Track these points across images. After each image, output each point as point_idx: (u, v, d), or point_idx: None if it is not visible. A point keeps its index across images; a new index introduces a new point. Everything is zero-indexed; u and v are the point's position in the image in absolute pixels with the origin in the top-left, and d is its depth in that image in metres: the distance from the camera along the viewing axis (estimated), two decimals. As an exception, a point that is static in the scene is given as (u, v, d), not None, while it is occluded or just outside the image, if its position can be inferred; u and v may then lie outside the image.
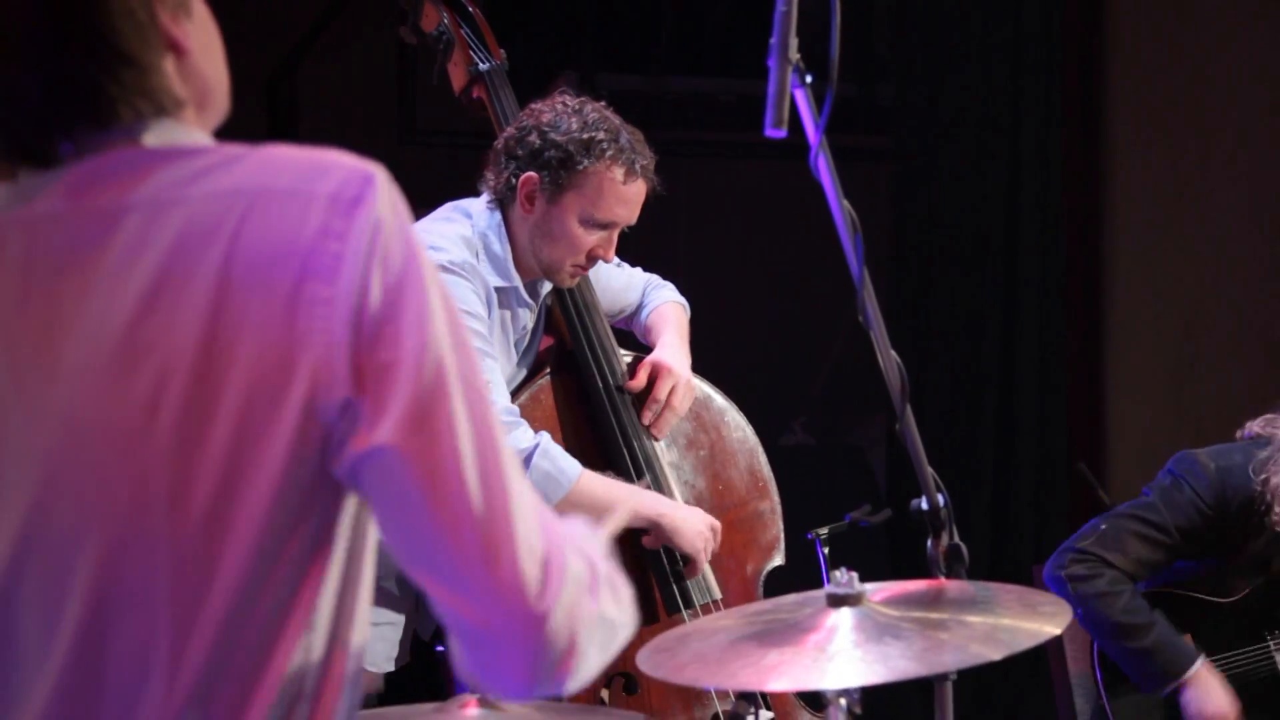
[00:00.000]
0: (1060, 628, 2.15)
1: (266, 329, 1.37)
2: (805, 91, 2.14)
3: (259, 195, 1.40)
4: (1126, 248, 5.99)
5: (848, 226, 2.19)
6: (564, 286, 3.33)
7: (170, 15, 1.47)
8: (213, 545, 1.38)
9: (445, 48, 3.51)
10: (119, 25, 1.42)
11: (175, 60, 1.48)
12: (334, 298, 1.37)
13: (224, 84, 1.54)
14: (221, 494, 1.37)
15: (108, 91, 1.43)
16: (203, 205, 1.40)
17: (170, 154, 1.44)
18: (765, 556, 3.47)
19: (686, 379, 3.39)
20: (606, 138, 3.18)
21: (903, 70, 5.83)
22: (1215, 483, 3.60)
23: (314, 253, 1.38)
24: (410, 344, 1.39)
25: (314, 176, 1.42)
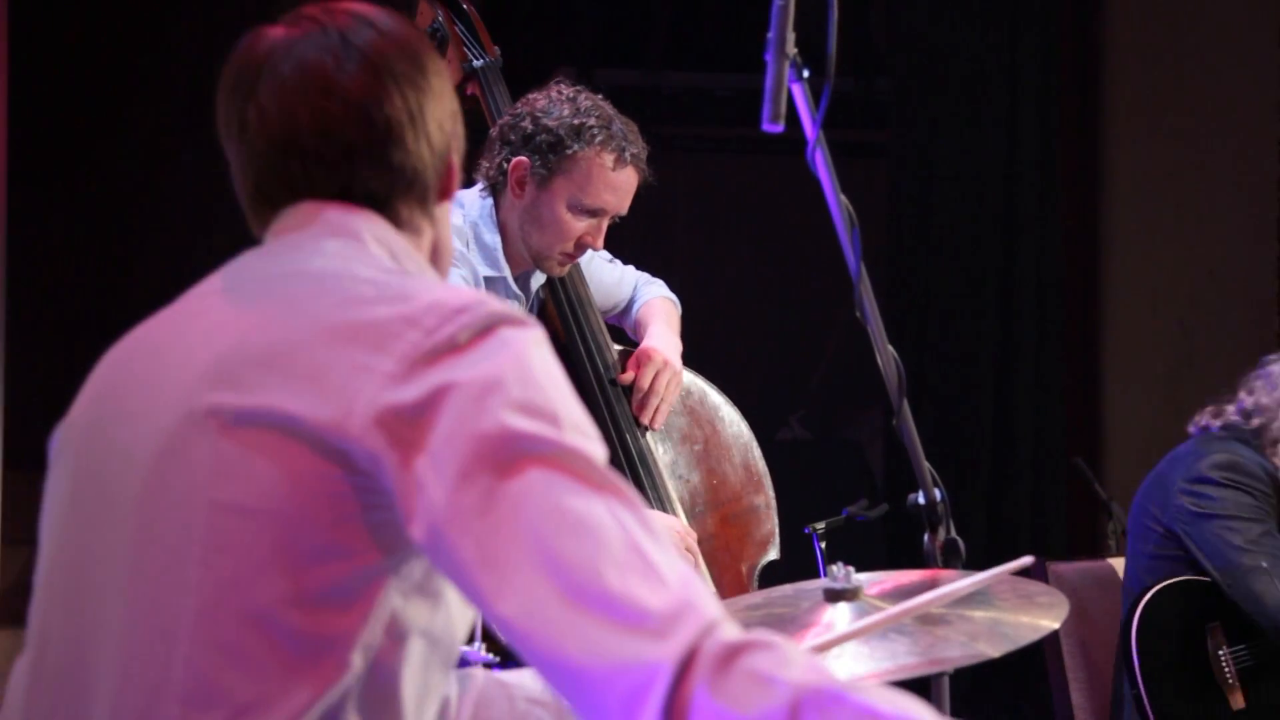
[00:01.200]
0: (1059, 620, 2.15)
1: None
2: (803, 86, 2.14)
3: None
4: (1123, 243, 5.99)
5: (845, 221, 2.19)
6: (553, 275, 3.32)
7: (459, 164, 1.65)
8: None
9: (439, 44, 3.51)
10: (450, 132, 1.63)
11: (439, 199, 1.64)
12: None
13: (446, 266, 1.67)
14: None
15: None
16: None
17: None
18: (760, 551, 3.47)
19: (673, 366, 3.37)
20: (598, 124, 3.18)
21: (900, 64, 5.83)
22: (1244, 460, 3.83)
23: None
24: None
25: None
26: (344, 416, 1.38)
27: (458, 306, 1.42)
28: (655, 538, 1.34)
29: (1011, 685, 5.55)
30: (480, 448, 1.34)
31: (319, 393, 1.40)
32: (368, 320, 1.42)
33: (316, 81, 1.56)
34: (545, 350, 1.43)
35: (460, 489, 1.34)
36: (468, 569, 1.33)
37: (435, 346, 1.39)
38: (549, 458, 1.35)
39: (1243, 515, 3.80)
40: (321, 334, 1.43)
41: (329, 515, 1.39)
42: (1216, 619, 3.83)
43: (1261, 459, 3.85)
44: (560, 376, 1.42)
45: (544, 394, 1.38)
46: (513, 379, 1.38)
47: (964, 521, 5.33)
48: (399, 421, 1.37)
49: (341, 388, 1.39)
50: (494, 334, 1.40)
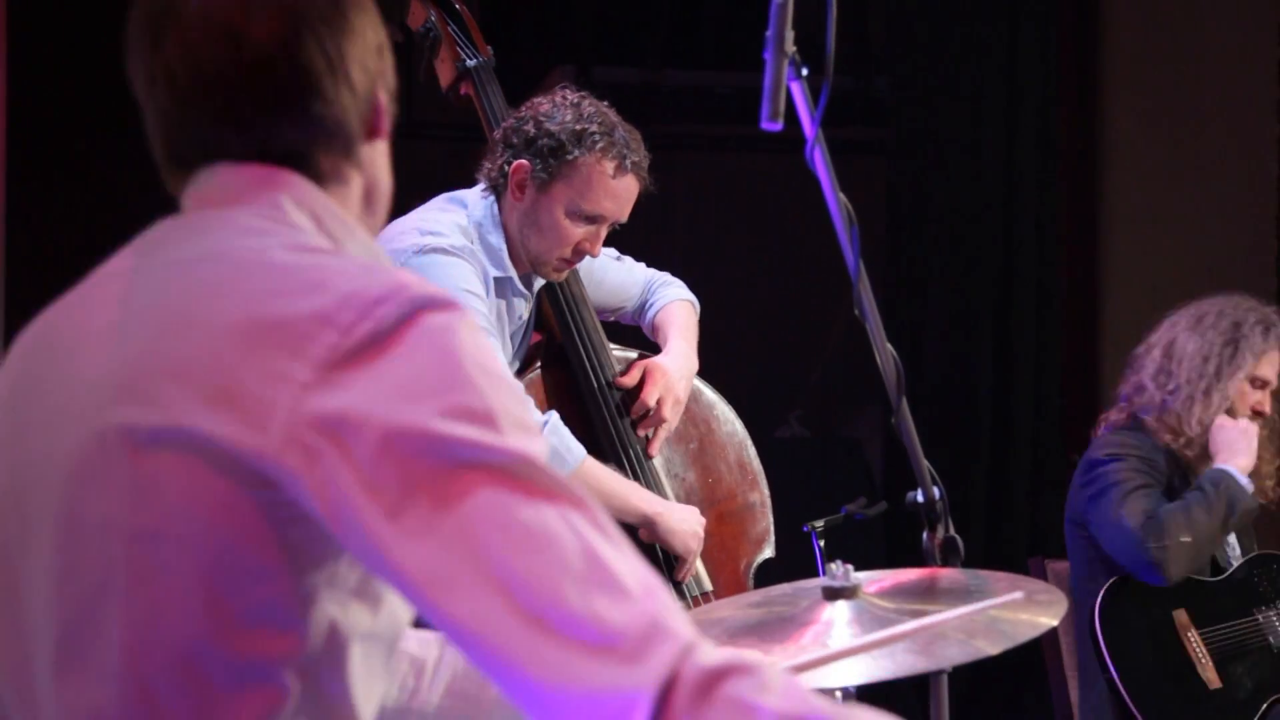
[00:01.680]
0: (1057, 618, 2.15)
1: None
2: (801, 84, 2.14)
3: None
4: (1123, 239, 5.99)
5: (844, 219, 2.19)
6: (551, 280, 3.32)
7: (387, 103, 1.50)
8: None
9: (432, 45, 3.51)
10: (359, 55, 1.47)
11: (367, 141, 1.49)
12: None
13: (385, 209, 1.53)
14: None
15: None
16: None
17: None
18: (756, 549, 3.47)
19: (677, 395, 3.36)
20: (600, 131, 3.18)
21: (899, 63, 5.83)
22: (1131, 437, 4.07)
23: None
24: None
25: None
26: (260, 434, 1.26)
27: (376, 296, 1.29)
28: (613, 541, 1.25)
29: (1011, 683, 5.55)
30: (415, 463, 1.24)
31: (233, 408, 1.28)
32: (281, 318, 1.30)
33: (224, 31, 1.41)
34: (475, 335, 1.31)
35: (399, 509, 1.23)
36: (417, 590, 1.24)
37: (354, 347, 1.27)
38: (491, 467, 1.24)
39: (1126, 478, 3.98)
40: (233, 337, 1.30)
41: (253, 538, 1.29)
42: (1180, 605, 3.95)
43: (1148, 439, 4.04)
44: (494, 362, 1.31)
45: (477, 391, 1.27)
46: (442, 377, 1.27)
47: (963, 519, 5.35)
48: (319, 436, 1.25)
49: (256, 401, 1.27)
50: (417, 324, 1.28)
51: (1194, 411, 4.02)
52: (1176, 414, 4.03)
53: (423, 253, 3.14)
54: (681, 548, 3.24)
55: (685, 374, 3.39)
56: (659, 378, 3.33)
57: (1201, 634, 3.94)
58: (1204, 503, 3.90)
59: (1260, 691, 3.92)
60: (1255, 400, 4.05)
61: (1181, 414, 4.03)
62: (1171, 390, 4.06)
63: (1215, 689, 3.89)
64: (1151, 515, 3.89)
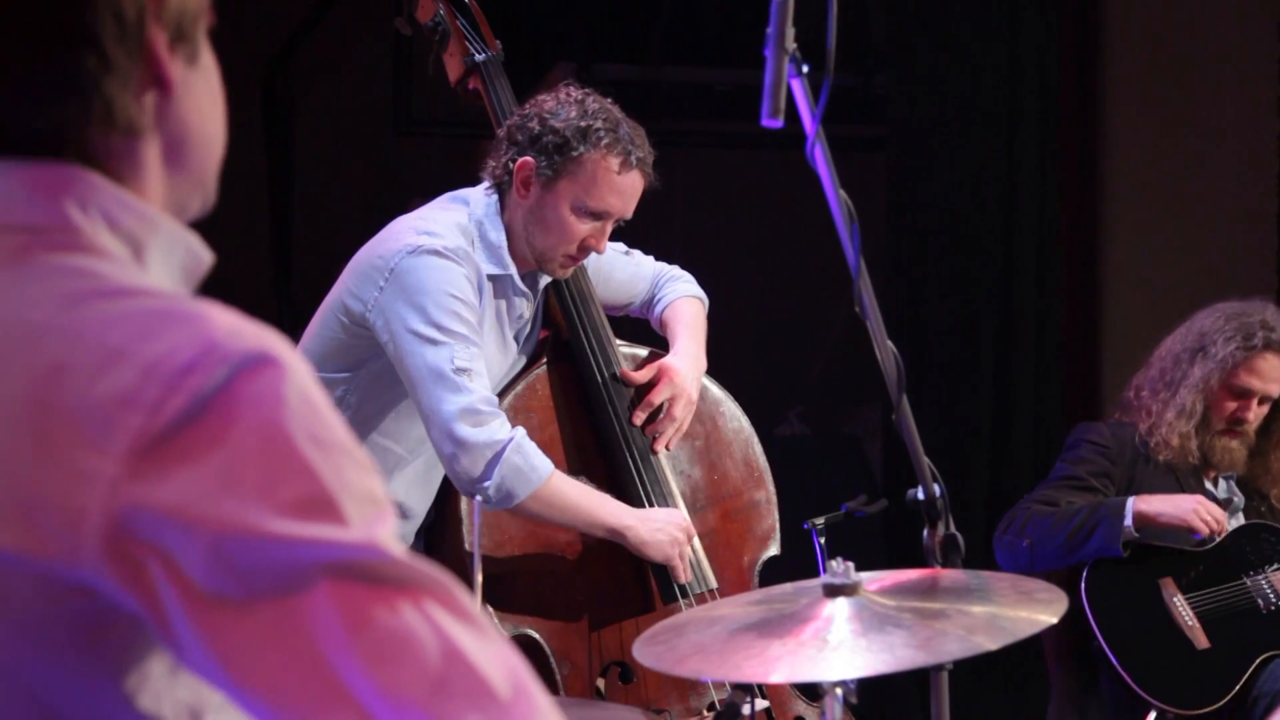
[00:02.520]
0: (1057, 615, 2.15)
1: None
2: (802, 81, 2.14)
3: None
4: (1123, 238, 5.99)
5: (844, 216, 2.19)
6: (556, 277, 3.32)
7: (166, 42, 1.21)
8: None
9: (441, 39, 3.51)
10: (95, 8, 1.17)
11: (154, 93, 1.21)
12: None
13: (212, 157, 1.28)
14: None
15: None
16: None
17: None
18: (761, 546, 3.47)
19: (688, 395, 3.36)
20: (604, 127, 3.18)
21: (899, 60, 5.83)
22: (1109, 428, 4.18)
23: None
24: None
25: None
26: (73, 544, 1.08)
27: (184, 364, 1.09)
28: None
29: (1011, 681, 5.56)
30: (252, 572, 1.08)
31: (35, 522, 1.09)
32: (76, 405, 1.09)
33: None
34: (303, 395, 1.12)
35: (239, 626, 1.08)
36: (267, 711, 1.10)
37: (164, 430, 1.08)
38: (336, 568, 1.09)
39: (1058, 470, 4.18)
40: (21, 434, 1.10)
41: (72, 653, 1.13)
42: (1166, 574, 4.03)
43: (1129, 431, 4.16)
44: (327, 427, 1.12)
45: (312, 474, 1.10)
46: (271, 462, 1.09)
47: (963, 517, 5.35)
48: (141, 546, 1.08)
49: (61, 510, 1.08)
50: (234, 396, 1.09)
51: (1163, 415, 4.09)
52: (1149, 412, 4.12)
53: (415, 253, 3.14)
54: (659, 557, 3.22)
55: (695, 374, 3.40)
56: (671, 377, 3.33)
57: (1189, 598, 4.01)
58: (1071, 513, 4.00)
59: (1250, 650, 3.97)
60: (1230, 410, 4.08)
61: (1154, 414, 4.11)
62: (1147, 389, 4.17)
63: (1204, 649, 3.96)
64: (1024, 508, 4.06)
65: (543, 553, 3.26)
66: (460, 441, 3.06)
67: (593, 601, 3.27)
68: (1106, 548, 3.95)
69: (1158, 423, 4.09)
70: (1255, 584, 4.05)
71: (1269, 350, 4.05)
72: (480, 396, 3.10)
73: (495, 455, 3.07)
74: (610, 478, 3.29)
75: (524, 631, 3.20)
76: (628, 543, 3.20)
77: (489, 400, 3.12)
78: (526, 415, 3.26)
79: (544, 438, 3.23)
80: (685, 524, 3.26)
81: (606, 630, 3.27)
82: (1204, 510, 3.96)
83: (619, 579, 3.29)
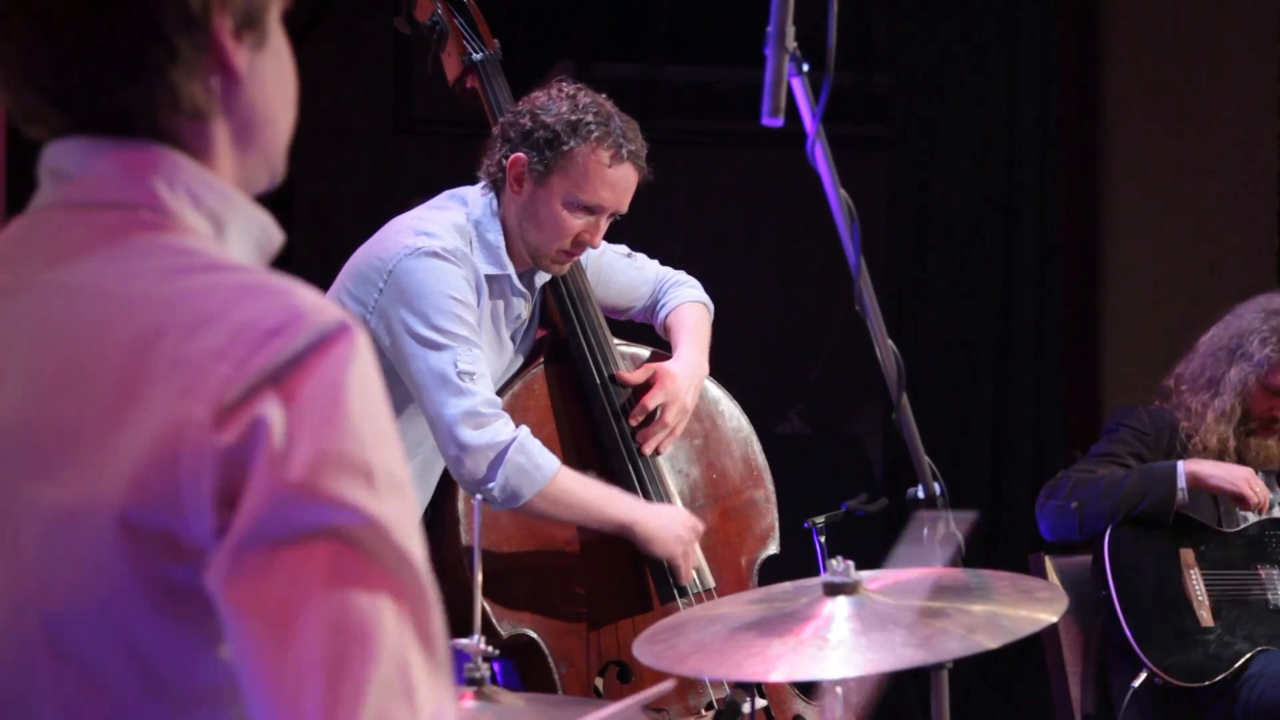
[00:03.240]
0: (1057, 614, 2.16)
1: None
2: (802, 80, 2.14)
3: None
4: (1123, 237, 5.99)
5: (844, 215, 2.19)
6: (552, 274, 3.31)
7: (232, 30, 1.27)
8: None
9: (439, 38, 3.51)
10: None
11: (220, 79, 1.28)
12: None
13: (280, 136, 1.34)
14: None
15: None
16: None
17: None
18: (760, 545, 3.47)
19: (683, 401, 3.35)
20: (595, 121, 3.17)
21: (899, 58, 5.83)
22: (1148, 415, 4.18)
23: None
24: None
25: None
26: (171, 486, 1.17)
27: (271, 327, 1.19)
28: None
29: (1009, 680, 5.56)
30: (278, 512, 1.16)
31: (138, 467, 1.18)
32: (174, 360, 1.19)
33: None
34: (365, 372, 1.21)
35: (254, 560, 1.16)
36: (241, 628, 1.17)
37: (249, 380, 1.17)
38: (348, 533, 1.16)
39: (1097, 448, 4.18)
40: (128, 392, 1.19)
41: (173, 612, 1.20)
42: (1189, 545, 4.06)
43: (1167, 415, 4.17)
44: (380, 405, 1.22)
45: (358, 439, 1.18)
46: (329, 424, 1.17)
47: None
48: (219, 473, 1.16)
49: (160, 454, 1.17)
50: (313, 357, 1.18)
51: (1204, 417, 4.10)
52: (1190, 410, 4.13)
53: (413, 255, 3.14)
54: (664, 553, 3.22)
55: (694, 380, 3.37)
56: (666, 383, 3.32)
57: (1204, 575, 4.04)
58: (1120, 478, 4.03)
59: (1249, 640, 4.00)
60: (1266, 408, 4.09)
61: (1194, 412, 4.12)
62: (1187, 385, 4.18)
63: (1207, 627, 3.99)
64: (1064, 475, 4.08)
65: (540, 551, 3.26)
66: (463, 445, 3.07)
67: (590, 600, 3.27)
68: (1162, 510, 4.00)
69: (1197, 424, 4.10)
70: (1269, 577, 4.08)
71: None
72: (483, 399, 3.10)
73: (498, 456, 3.07)
74: (607, 477, 3.28)
75: (521, 630, 3.20)
76: (635, 537, 3.19)
77: (491, 402, 3.12)
78: (523, 415, 3.26)
79: (541, 437, 3.23)
80: (692, 523, 3.26)
81: (604, 629, 3.27)
82: (1256, 481, 4.00)
83: (617, 578, 3.28)
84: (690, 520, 3.25)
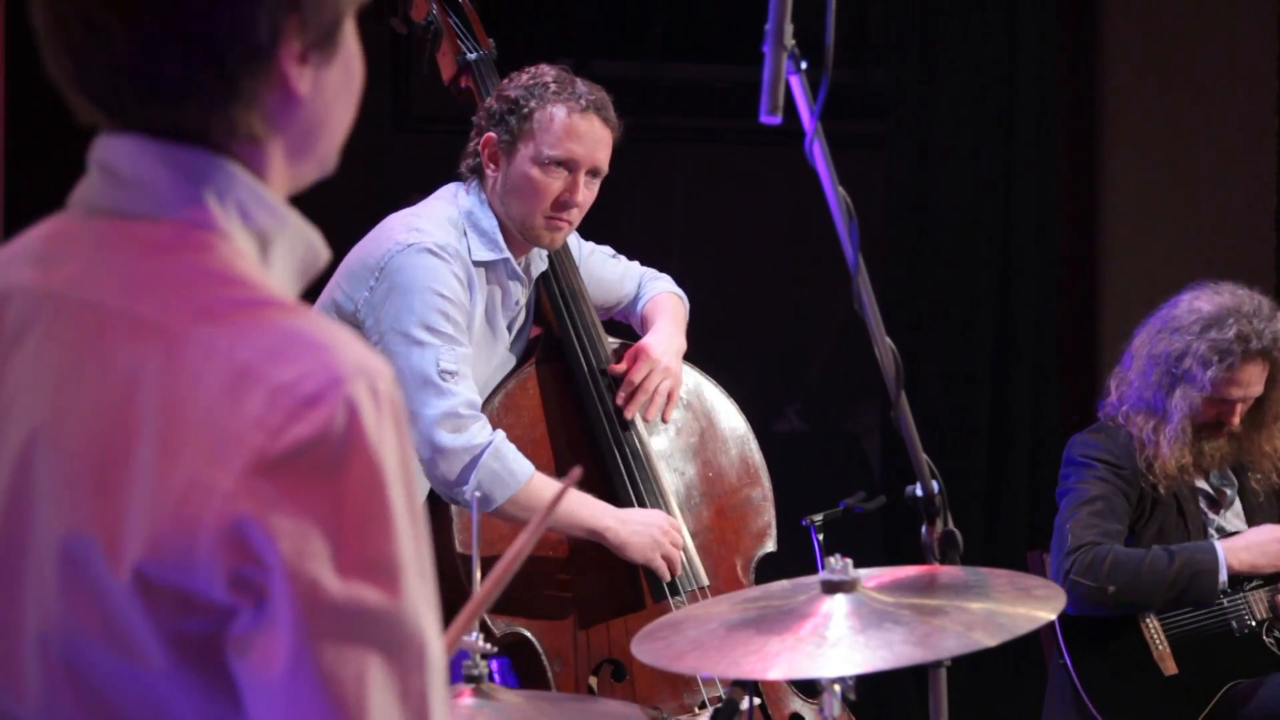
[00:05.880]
0: (1055, 612, 2.16)
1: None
2: (800, 78, 2.14)
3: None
4: (1122, 236, 5.99)
5: (843, 213, 2.19)
6: (546, 246, 3.31)
7: (297, 53, 1.24)
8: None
9: (434, 37, 3.52)
10: (232, 27, 1.21)
11: (280, 100, 1.25)
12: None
13: (337, 137, 1.32)
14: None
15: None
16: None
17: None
18: (756, 543, 3.47)
19: (665, 365, 3.36)
20: (552, 81, 3.22)
21: (897, 56, 5.83)
22: (1109, 440, 4.02)
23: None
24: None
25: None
26: (188, 548, 1.15)
27: (309, 395, 1.15)
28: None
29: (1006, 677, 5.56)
30: (310, 616, 1.15)
31: (161, 528, 1.16)
32: (206, 420, 1.16)
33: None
34: (404, 448, 1.19)
35: (287, 655, 1.15)
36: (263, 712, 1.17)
37: (281, 453, 1.15)
38: (376, 638, 1.17)
39: (1088, 488, 3.98)
40: (156, 442, 1.17)
41: (193, 662, 1.19)
42: (1144, 591, 3.93)
43: (1122, 438, 4.01)
44: (415, 482, 1.21)
45: (391, 533, 1.17)
46: (368, 520, 1.16)
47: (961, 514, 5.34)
48: (242, 549, 1.15)
49: (182, 514, 1.15)
50: (352, 435, 1.16)
51: (1159, 447, 3.97)
52: (1145, 441, 3.99)
53: (404, 252, 3.16)
54: (639, 558, 3.22)
55: (670, 349, 3.40)
56: (642, 356, 3.35)
57: (1161, 620, 3.93)
58: (1162, 569, 3.87)
59: (1217, 677, 3.91)
60: (1214, 416, 3.96)
61: (1149, 443, 3.99)
62: (1131, 409, 4.04)
63: (1170, 676, 3.89)
64: (1094, 546, 3.87)
65: (533, 551, 3.26)
66: (438, 447, 3.07)
67: (583, 599, 3.28)
68: (1204, 600, 3.90)
69: (1154, 451, 3.96)
70: (1232, 603, 3.96)
71: (1247, 361, 3.91)
72: (463, 400, 3.10)
73: (473, 460, 3.08)
74: (601, 475, 3.29)
75: (515, 630, 3.20)
76: (608, 543, 3.20)
77: (471, 404, 3.12)
78: (517, 413, 3.26)
79: (535, 436, 3.23)
80: (667, 524, 3.25)
81: (597, 628, 3.28)
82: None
83: (609, 576, 3.29)
84: (666, 521, 3.25)
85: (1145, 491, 3.99)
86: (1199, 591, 3.87)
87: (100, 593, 1.17)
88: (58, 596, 1.19)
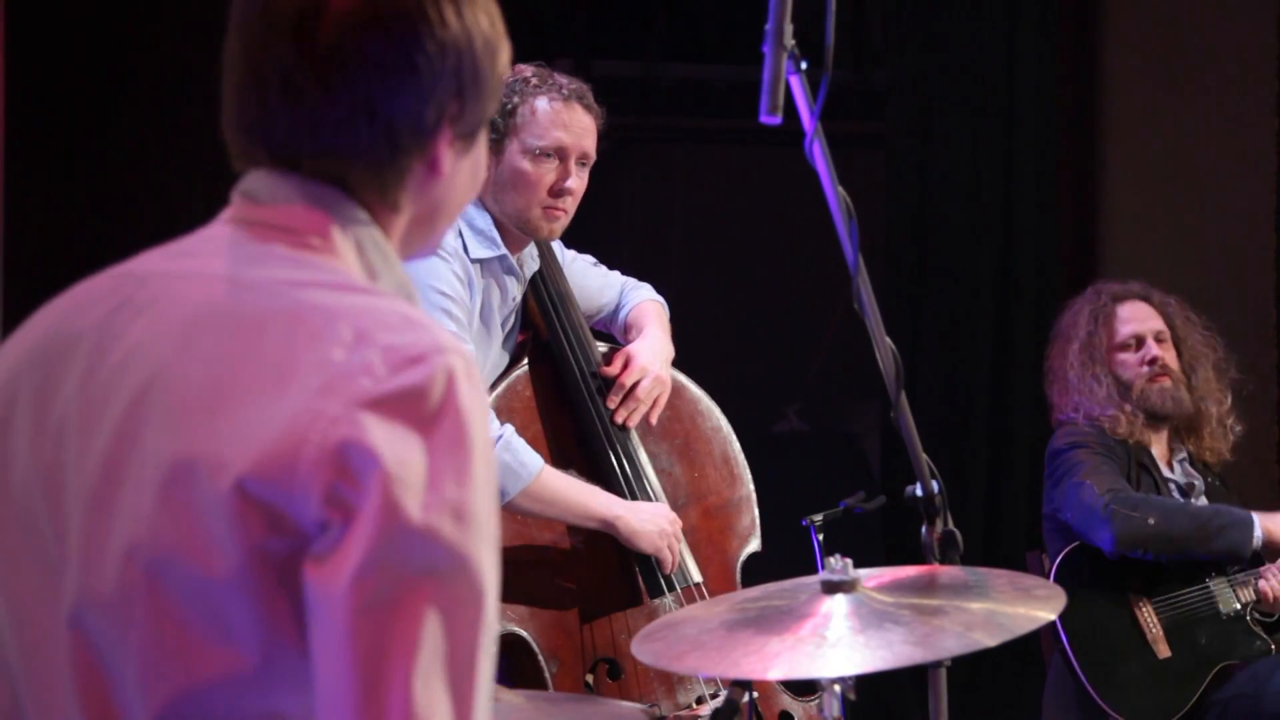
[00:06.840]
0: (1055, 612, 2.16)
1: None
2: (800, 77, 2.14)
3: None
4: (1121, 234, 5.99)
5: (842, 212, 2.19)
6: (545, 237, 3.33)
7: (450, 139, 1.42)
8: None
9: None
10: (409, 106, 1.38)
11: (424, 172, 1.42)
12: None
13: (448, 223, 1.49)
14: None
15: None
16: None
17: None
18: (742, 542, 3.50)
19: (656, 373, 3.39)
20: (531, 75, 3.25)
21: (897, 56, 5.83)
22: (1089, 426, 4.23)
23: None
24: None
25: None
26: (293, 464, 1.26)
27: (416, 354, 1.29)
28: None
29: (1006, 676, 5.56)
30: (395, 545, 1.25)
31: (271, 452, 1.27)
32: (324, 363, 1.29)
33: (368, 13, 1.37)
34: (483, 405, 1.32)
35: (354, 567, 1.24)
36: (327, 661, 1.26)
37: (384, 395, 1.27)
38: (442, 572, 1.27)
39: (1088, 459, 4.15)
40: (273, 379, 1.29)
41: (269, 582, 1.28)
42: (1136, 579, 4.09)
43: (1099, 428, 4.23)
44: (487, 433, 1.32)
45: (474, 487, 1.29)
46: (456, 467, 1.28)
47: (961, 514, 5.35)
48: (336, 470, 1.26)
49: (292, 436, 1.27)
50: (449, 393, 1.29)
51: (1092, 405, 4.22)
52: (1088, 414, 4.24)
53: None
54: (649, 547, 3.26)
55: (660, 355, 3.44)
56: (633, 362, 3.38)
57: (1154, 604, 4.07)
58: (1197, 519, 4.05)
59: (1208, 660, 4.04)
60: (1135, 359, 4.24)
61: (1089, 411, 4.24)
62: (1061, 399, 4.31)
63: (1164, 659, 4.02)
64: (1124, 489, 4.06)
65: (528, 550, 3.28)
66: None
67: (579, 599, 3.29)
68: (1235, 551, 4.04)
69: (1100, 415, 4.20)
70: (1218, 586, 4.12)
71: (1118, 302, 4.29)
72: None
73: None
74: (593, 476, 3.31)
75: (511, 630, 3.21)
76: (619, 533, 3.22)
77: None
78: (509, 415, 3.27)
79: (526, 437, 3.24)
80: (673, 517, 3.30)
81: (593, 627, 3.29)
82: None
83: (605, 576, 3.30)
84: (671, 515, 3.29)
85: (1127, 462, 4.17)
86: (1229, 542, 4.02)
87: (196, 507, 1.27)
88: (153, 512, 1.28)
